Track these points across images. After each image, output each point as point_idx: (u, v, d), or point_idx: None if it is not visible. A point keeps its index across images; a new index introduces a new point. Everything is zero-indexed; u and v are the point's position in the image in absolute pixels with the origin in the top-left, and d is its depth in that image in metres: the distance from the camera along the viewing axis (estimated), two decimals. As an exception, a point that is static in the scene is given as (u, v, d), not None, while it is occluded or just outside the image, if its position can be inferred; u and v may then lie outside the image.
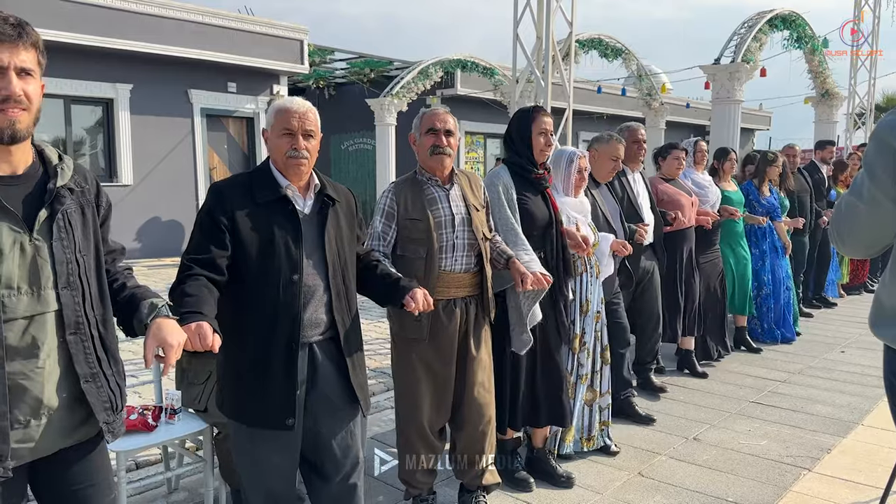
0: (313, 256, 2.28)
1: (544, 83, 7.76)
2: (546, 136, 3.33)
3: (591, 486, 3.45)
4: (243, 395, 2.27)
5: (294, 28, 13.11)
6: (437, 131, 2.90)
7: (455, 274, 2.94)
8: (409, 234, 2.90)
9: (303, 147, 2.27)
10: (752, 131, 25.74)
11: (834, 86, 13.22)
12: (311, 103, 2.51)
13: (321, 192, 2.36)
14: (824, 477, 3.57)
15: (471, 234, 2.95)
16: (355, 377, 2.41)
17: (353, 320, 2.42)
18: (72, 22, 10.13)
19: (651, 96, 14.43)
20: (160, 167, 11.83)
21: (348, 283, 2.40)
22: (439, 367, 2.96)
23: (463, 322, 2.98)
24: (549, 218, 3.36)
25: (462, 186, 3.02)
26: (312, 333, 2.31)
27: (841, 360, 5.77)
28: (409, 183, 2.98)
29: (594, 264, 3.74)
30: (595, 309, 3.73)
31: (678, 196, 5.05)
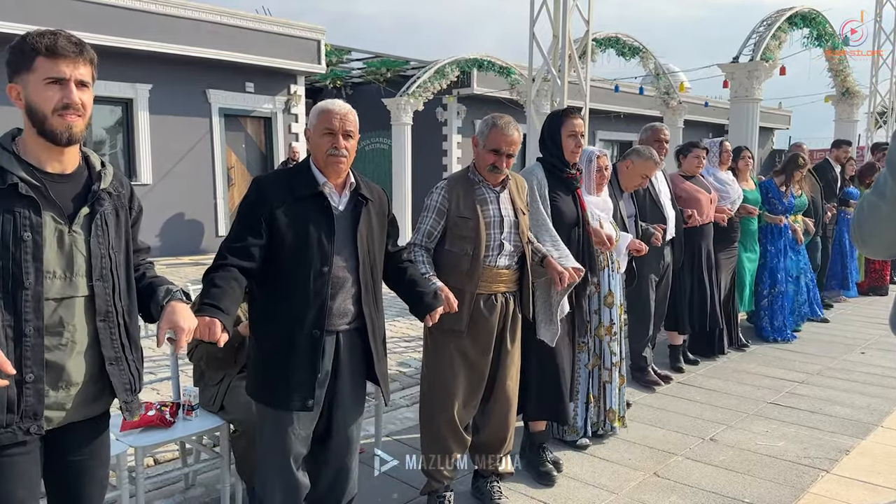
0: (344, 251, 2.42)
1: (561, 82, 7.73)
2: (576, 138, 3.44)
3: (606, 485, 3.44)
4: (270, 378, 2.42)
5: (311, 28, 13.17)
6: (501, 154, 2.97)
7: (498, 269, 3.04)
8: (458, 231, 2.98)
9: (342, 146, 2.40)
10: (772, 130, 25.49)
11: (854, 84, 13.06)
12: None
13: (356, 191, 2.49)
14: (842, 479, 3.54)
15: (517, 237, 3.06)
16: (380, 367, 2.57)
17: (379, 313, 2.57)
18: (91, 22, 10.23)
19: (669, 95, 14.33)
20: (179, 166, 11.94)
21: (376, 278, 2.55)
22: (476, 359, 3.05)
23: (502, 316, 3.08)
24: (576, 217, 3.51)
25: (511, 190, 3.11)
26: (340, 322, 2.46)
27: (861, 361, 5.70)
28: (462, 181, 3.06)
29: (615, 260, 3.91)
30: (619, 301, 3.94)
31: (696, 193, 5.16)
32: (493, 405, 3.18)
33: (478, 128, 3.08)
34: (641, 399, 4.69)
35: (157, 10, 11.01)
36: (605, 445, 3.91)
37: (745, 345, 6.01)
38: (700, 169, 5.31)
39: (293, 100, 13.51)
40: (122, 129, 11.59)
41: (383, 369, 2.61)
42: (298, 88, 13.55)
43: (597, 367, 3.89)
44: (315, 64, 13.30)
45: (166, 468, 3.57)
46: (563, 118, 3.49)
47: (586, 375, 3.88)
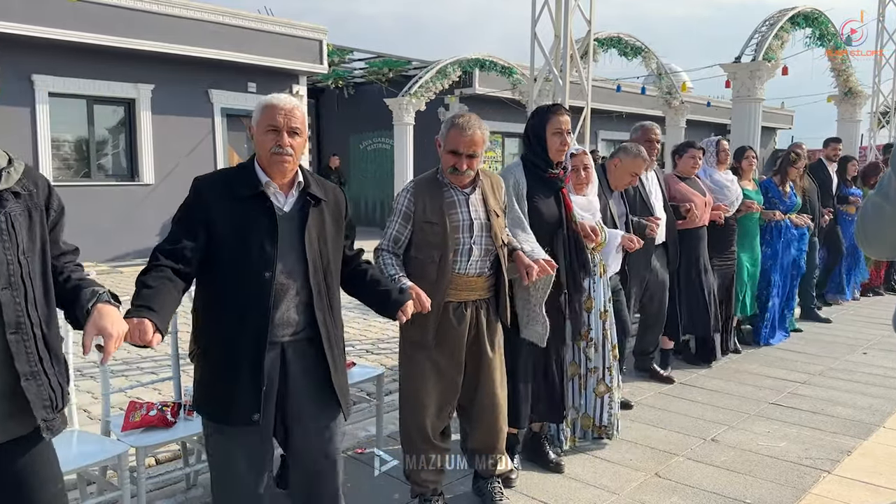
0: (290, 255, 2.27)
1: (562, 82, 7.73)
2: (561, 135, 3.29)
3: (607, 486, 3.44)
4: (213, 392, 2.30)
5: (313, 28, 13.17)
6: (460, 155, 2.84)
7: (468, 277, 2.92)
8: (425, 236, 2.86)
9: (287, 144, 2.26)
10: (774, 130, 25.46)
11: (857, 84, 13.04)
12: (330, 104, 2.52)
13: (305, 191, 2.35)
14: (844, 479, 3.53)
15: (489, 240, 2.92)
16: (336, 378, 2.39)
17: (336, 321, 2.41)
18: (94, 23, 10.25)
19: (671, 95, 14.33)
20: (181, 167, 11.94)
21: (331, 283, 2.38)
22: (447, 369, 2.95)
23: (473, 325, 2.96)
24: (558, 217, 3.36)
25: (484, 190, 2.97)
26: (284, 333, 2.30)
27: (862, 361, 5.69)
28: (429, 184, 2.93)
29: (598, 262, 3.76)
30: (601, 307, 3.74)
31: (691, 195, 5.02)
32: (479, 413, 3.08)
33: (440, 132, 2.95)
34: (643, 399, 4.68)
35: (160, 10, 11.03)
36: (607, 446, 3.90)
37: (737, 351, 5.85)
38: (696, 170, 5.17)
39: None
40: (124, 130, 11.61)
41: (342, 381, 2.44)
42: (300, 88, 13.56)
43: (577, 376, 3.76)
44: (317, 64, 13.31)
45: (167, 468, 3.58)
46: (548, 114, 3.34)
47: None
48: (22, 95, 10.23)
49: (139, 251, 10.71)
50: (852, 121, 13.37)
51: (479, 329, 2.98)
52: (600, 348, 3.76)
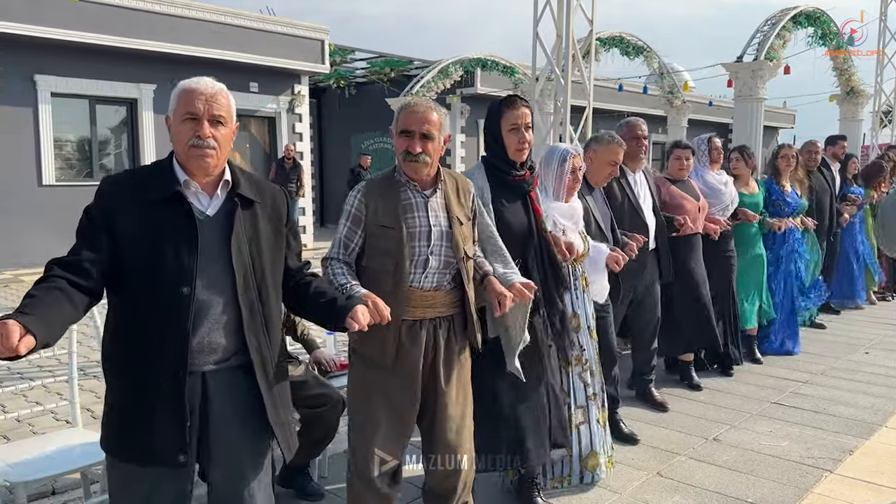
0: (213, 267, 1.91)
1: (564, 81, 7.74)
2: (519, 131, 2.89)
3: (609, 485, 3.44)
4: (125, 429, 1.93)
5: (315, 28, 13.19)
6: (412, 134, 2.45)
7: (424, 291, 2.51)
8: (377, 242, 2.49)
9: (208, 135, 1.90)
10: (776, 130, 25.44)
11: (859, 83, 13.05)
12: (331, 104, 2.40)
13: (234, 191, 1.99)
14: (846, 479, 3.53)
15: (449, 250, 2.52)
16: (274, 413, 2.01)
17: (273, 344, 2.04)
18: (96, 23, 10.27)
19: (673, 94, 14.35)
20: (183, 166, 11.96)
21: (267, 300, 2.02)
22: (398, 399, 2.52)
23: (431, 348, 2.54)
24: (528, 227, 2.96)
25: (447, 193, 2.57)
26: (205, 360, 1.92)
27: (865, 361, 5.69)
28: (384, 183, 2.55)
29: (581, 275, 3.35)
30: (587, 324, 3.38)
31: (682, 200, 4.57)
32: (435, 456, 2.62)
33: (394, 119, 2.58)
34: (645, 399, 4.67)
35: (162, 10, 11.05)
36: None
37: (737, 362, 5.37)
38: (684, 172, 4.68)
39: (297, 100, 13.53)
40: (126, 130, 11.62)
41: (281, 417, 2.04)
42: (302, 88, 13.58)
43: (566, 406, 3.25)
44: (319, 64, 13.32)
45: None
46: (501, 109, 2.92)
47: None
48: (24, 95, 10.25)
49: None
50: (854, 120, 13.39)
51: (436, 354, 2.55)
52: (597, 372, 3.41)
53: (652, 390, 4.58)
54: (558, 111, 7.90)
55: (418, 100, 2.57)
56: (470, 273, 2.60)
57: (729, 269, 5.14)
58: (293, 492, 3.30)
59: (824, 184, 6.75)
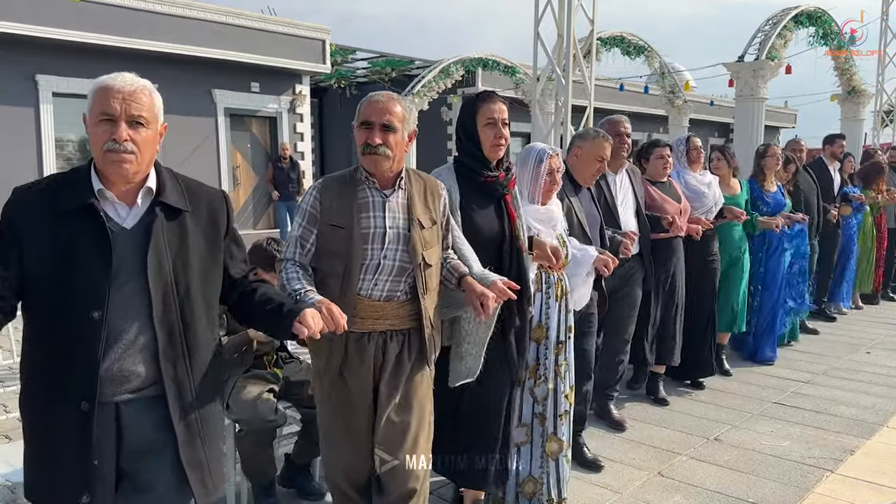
0: (130, 285, 1.72)
1: (565, 81, 7.74)
2: (496, 127, 2.69)
3: (610, 485, 3.45)
4: (33, 464, 1.79)
5: (316, 28, 13.19)
6: (372, 126, 2.28)
7: (372, 301, 2.32)
8: (328, 243, 2.31)
9: (125, 138, 1.69)
10: (778, 129, 25.43)
11: (861, 83, 13.04)
12: (332, 104, 2.32)
13: (157, 199, 1.79)
14: (847, 479, 3.53)
15: (404, 255, 2.32)
16: (189, 451, 1.81)
17: (197, 372, 1.83)
18: (97, 23, 10.29)
19: (674, 94, 14.34)
20: (184, 166, 11.94)
21: (191, 322, 1.81)
22: (356, 411, 2.38)
23: (380, 364, 2.35)
24: (499, 232, 2.73)
25: (411, 193, 2.39)
26: (117, 390, 1.73)
27: (866, 360, 5.69)
28: (342, 180, 2.38)
29: (554, 283, 3.04)
30: (556, 337, 3.02)
31: (664, 203, 4.33)
32: (385, 477, 2.40)
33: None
34: (646, 398, 4.68)
35: (163, 10, 11.06)
36: (609, 445, 3.91)
37: (728, 372, 5.22)
38: (667, 172, 4.46)
39: (298, 100, 13.54)
40: (127, 129, 11.63)
41: (198, 456, 1.82)
42: (303, 88, 13.58)
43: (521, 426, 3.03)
44: (320, 64, 13.33)
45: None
46: (477, 103, 2.73)
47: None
48: (26, 95, 10.26)
49: (143, 251, 10.73)
50: (856, 120, 13.38)
51: (384, 370, 2.36)
52: (550, 390, 3.02)
53: (611, 407, 4.22)
54: (559, 111, 7.90)
55: (382, 91, 2.41)
56: (428, 283, 2.38)
57: (712, 273, 4.85)
58: (294, 491, 3.31)
59: (811, 183, 6.51)
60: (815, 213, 6.40)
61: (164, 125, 1.83)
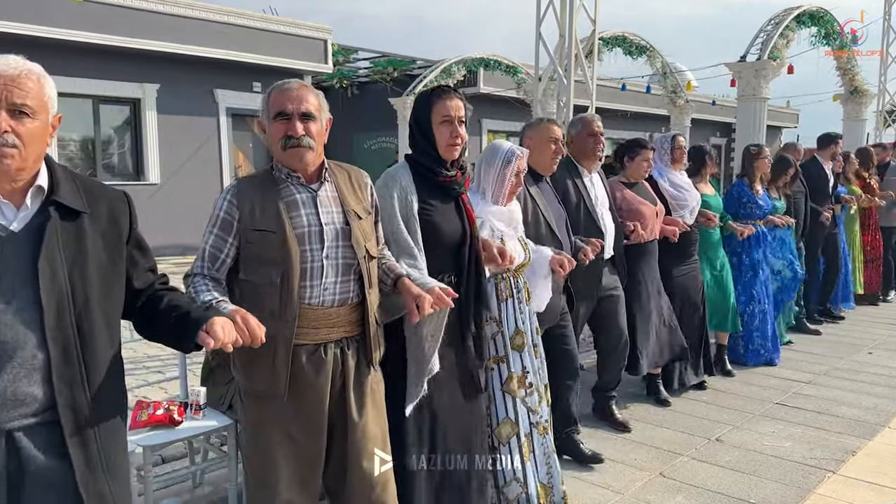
0: (19, 297, 1.52)
1: (567, 81, 7.74)
2: (451, 125, 2.54)
3: (611, 485, 3.45)
4: None
5: (318, 28, 13.20)
6: (290, 115, 2.10)
7: (325, 308, 2.14)
8: (256, 250, 2.09)
9: (5, 129, 1.49)
10: (780, 129, 25.40)
11: (863, 83, 13.03)
12: (334, 103, 2.24)
13: (49, 199, 1.59)
14: (849, 479, 3.53)
15: (348, 250, 2.16)
16: (90, 482, 1.60)
17: (94, 395, 1.61)
18: (99, 23, 10.30)
19: (676, 94, 14.34)
20: (186, 166, 11.98)
21: (90, 337, 1.60)
22: (303, 439, 2.16)
23: (339, 374, 2.19)
24: (461, 232, 2.61)
25: (338, 185, 2.22)
26: (9, 416, 1.51)
27: (868, 361, 5.68)
28: (260, 181, 2.18)
29: (523, 287, 2.99)
30: (532, 341, 2.98)
31: (639, 205, 4.25)
32: (349, 498, 2.25)
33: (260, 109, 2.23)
34: (647, 399, 4.68)
35: (165, 10, 11.07)
36: (611, 445, 3.91)
37: (730, 372, 5.23)
38: (647, 174, 4.39)
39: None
40: (129, 129, 11.65)
41: (98, 487, 1.61)
42: (305, 88, 13.59)
43: (514, 436, 2.89)
44: (322, 64, 13.33)
45: (174, 467, 3.60)
46: (431, 99, 2.57)
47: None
48: (28, 95, 10.26)
49: (145, 250, 10.75)
50: (858, 120, 13.36)
51: (344, 381, 2.20)
52: (543, 394, 3.01)
53: (613, 408, 4.23)
54: (561, 111, 7.89)
55: (290, 80, 2.22)
56: (371, 276, 2.23)
57: (696, 274, 4.81)
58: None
59: (800, 185, 6.43)
60: (803, 216, 6.37)
61: (57, 116, 1.62)
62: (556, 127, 3.51)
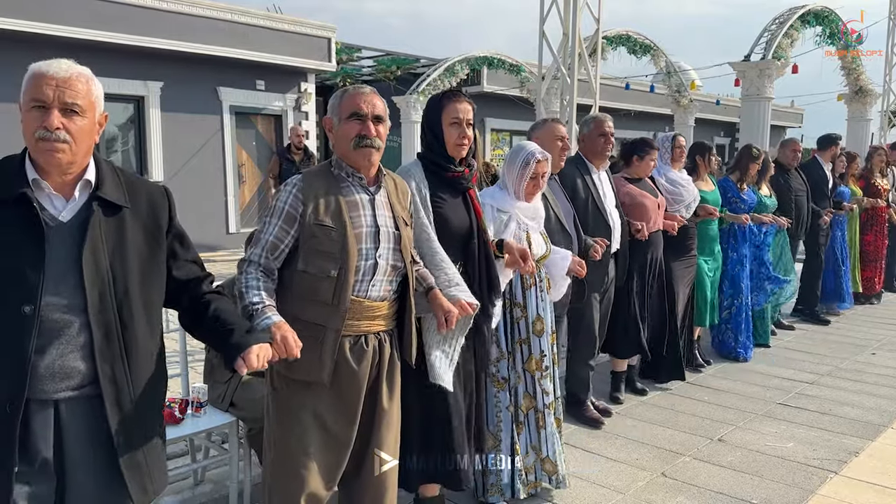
0: (67, 281, 1.65)
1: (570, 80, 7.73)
2: (460, 126, 2.73)
3: (613, 485, 3.44)
4: None
5: (322, 26, 13.20)
6: (364, 116, 2.25)
7: (371, 302, 2.28)
8: (317, 244, 2.20)
9: (57, 126, 1.62)
10: (784, 129, 25.35)
11: (868, 82, 12.99)
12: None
13: (94, 193, 1.71)
14: (851, 480, 3.52)
15: (397, 254, 2.31)
16: (127, 453, 1.74)
17: (133, 372, 1.75)
18: (104, 21, 10.30)
19: (680, 93, 14.32)
20: (190, 164, 11.99)
21: (130, 322, 1.74)
22: (337, 425, 2.28)
23: (375, 365, 2.32)
24: (469, 226, 2.78)
25: (389, 192, 2.37)
26: (58, 387, 1.66)
27: (871, 362, 5.67)
28: (323, 177, 2.30)
29: (544, 277, 3.27)
30: (550, 328, 3.24)
31: (642, 198, 4.43)
32: (362, 487, 2.39)
33: (329, 109, 2.38)
34: (648, 399, 4.67)
35: (169, 7, 11.07)
36: (613, 445, 3.91)
37: (702, 365, 5.33)
38: (650, 172, 4.61)
39: (304, 97, 13.55)
40: (133, 127, 11.66)
41: (135, 458, 1.76)
42: (309, 86, 13.59)
43: (532, 410, 3.19)
44: (325, 62, 13.33)
45: (175, 464, 3.59)
46: (442, 102, 2.76)
47: (508, 419, 3.15)
48: (32, 93, 10.28)
49: (148, 248, 10.77)
50: (863, 119, 13.33)
51: (379, 371, 2.34)
52: (556, 377, 3.29)
53: (591, 402, 4.32)
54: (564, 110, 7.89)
55: (362, 85, 2.39)
56: (414, 280, 2.41)
57: (690, 271, 4.98)
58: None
59: (802, 184, 6.46)
60: (805, 215, 6.38)
61: (104, 115, 1.77)
62: (561, 126, 3.71)
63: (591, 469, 3.60)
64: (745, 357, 5.59)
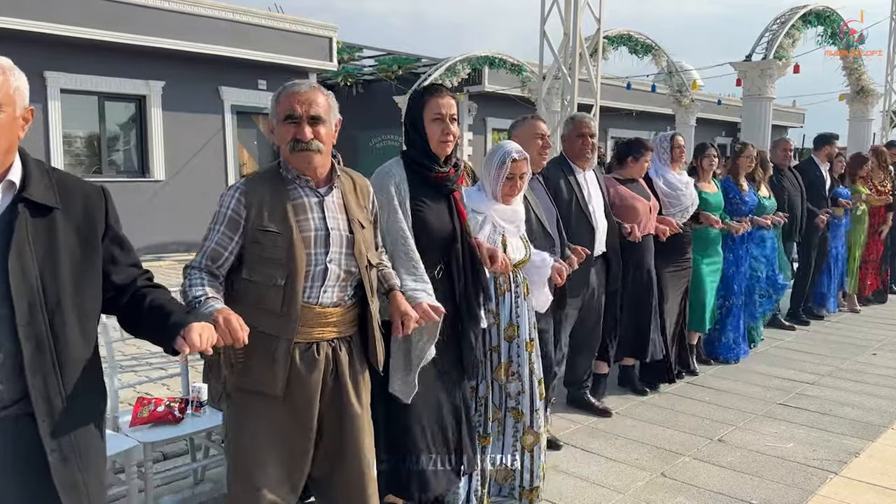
0: None
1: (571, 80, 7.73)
2: (443, 122, 2.61)
3: (612, 485, 3.44)
4: None
5: (323, 25, 13.20)
6: (299, 118, 2.09)
7: (322, 308, 2.16)
8: (261, 251, 2.09)
9: None
10: (785, 129, 25.33)
11: (869, 82, 12.98)
12: (339, 101, 2.16)
13: (20, 194, 1.56)
14: (851, 481, 3.52)
15: (350, 258, 2.17)
16: (63, 473, 1.58)
17: (68, 389, 1.59)
18: (106, 20, 10.31)
19: (681, 93, 14.32)
20: (191, 163, 12.00)
21: (62, 332, 1.58)
22: (293, 437, 2.17)
23: (331, 373, 2.20)
24: (451, 229, 2.68)
25: (344, 192, 2.23)
26: None
27: (872, 362, 5.66)
28: (270, 180, 2.17)
29: (522, 282, 3.11)
30: (527, 336, 3.08)
31: (633, 201, 4.32)
32: (342, 487, 2.27)
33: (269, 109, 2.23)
34: (648, 399, 4.68)
35: (171, 7, 11.08)
36: (613, 445, 3.91)
37: (694, 372, 5.19)
38: (643, 173, 4.51)
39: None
40: (135, 126, 11.67)
41: (72, 478, 1.60)
42: (310, 86, 13.60)
43: (496, 421, 3.08)
44: (327, 61, 13.34)
45: (175, 463, 3.60)
46: (424, 97, 2.65)
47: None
48: (34, 92, 10.00)
49: (149, 247, 10.77)
50: (864, 119, 13.32)
51: (338, 377, 2.21)
52: (526, 386, 3.08)
53: (590, 398, 4.37)
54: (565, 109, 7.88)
55: (300, 80, 2.21)
56: (373, 285, 2.28)
57: (684, 277, 4.90)
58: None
59: (796, 184, 6.40)
60: (799, 215, 6.33)
61: (28, 109, 1.63)
62: (540, 122, 3.57)
63: (591, 469, 3.61)
64: (737, 359, 5.53)
